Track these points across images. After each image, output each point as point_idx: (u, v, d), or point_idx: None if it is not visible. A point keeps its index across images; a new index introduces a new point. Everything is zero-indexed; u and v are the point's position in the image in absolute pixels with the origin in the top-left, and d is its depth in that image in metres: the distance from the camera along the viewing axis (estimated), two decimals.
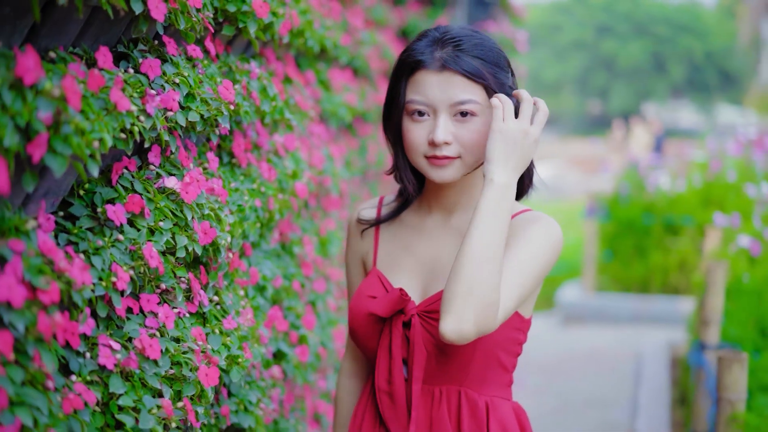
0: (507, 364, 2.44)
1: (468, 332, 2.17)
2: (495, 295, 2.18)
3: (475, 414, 2.40)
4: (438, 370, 2.41)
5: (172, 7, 2.22)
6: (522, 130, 2.26)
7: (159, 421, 2.05)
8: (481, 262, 2.18)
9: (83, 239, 2.03)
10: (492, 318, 2.18)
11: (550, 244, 2.33)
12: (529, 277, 2.28)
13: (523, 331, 2.45)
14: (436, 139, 2.30)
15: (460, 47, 2.33)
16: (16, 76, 1.58)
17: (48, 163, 1.68)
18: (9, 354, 1.52)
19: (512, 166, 2.25)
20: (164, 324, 2.21)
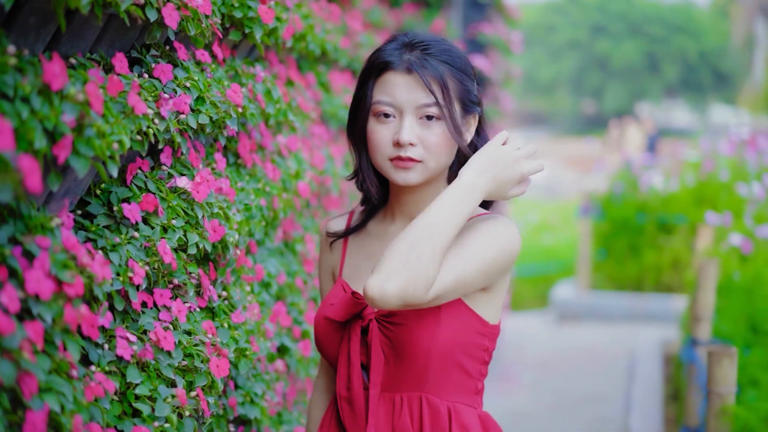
0: (471, 370, 2.41)
1: (390, 293, 2.16)
2: (430, 271, 2.17)
3: (437, 420, 2.39)
4: (398, 376, 2.38)
5: (183, 14, 2.31)
6: (516, 157, 2.29)
7: (173, 410, 2.15)
8: (425, 236, 2.18)
9: (101, 236, 2.13)
10: (420, 290, 2.16)
11: (501, 243, 2.32)
12: (471, 267, 2.26)
13: (489, 338, 2.42)
14: (402, 140, 2.32)
15: (428, 51, 2.36)
16: (43, 81, 1.68)
17: (72, 163, 1.78)
18: (40, 343, 1.62)
19: (486, 178, 2.26)
20: (177, 317, 2.30)
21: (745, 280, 6.02)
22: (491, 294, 2.39)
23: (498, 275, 2.35)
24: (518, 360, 9.03)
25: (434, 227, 2.19)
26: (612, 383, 8.15)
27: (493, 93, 8.57)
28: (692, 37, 42.87)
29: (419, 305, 2.20)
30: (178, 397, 2.16)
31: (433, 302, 2.23)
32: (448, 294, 2.24)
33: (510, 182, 2.29)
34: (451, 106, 2.34)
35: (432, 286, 2.19)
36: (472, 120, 2.44)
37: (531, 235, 16.06)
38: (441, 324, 2.33)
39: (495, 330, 2.44)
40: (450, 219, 2.20)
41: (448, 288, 2.23)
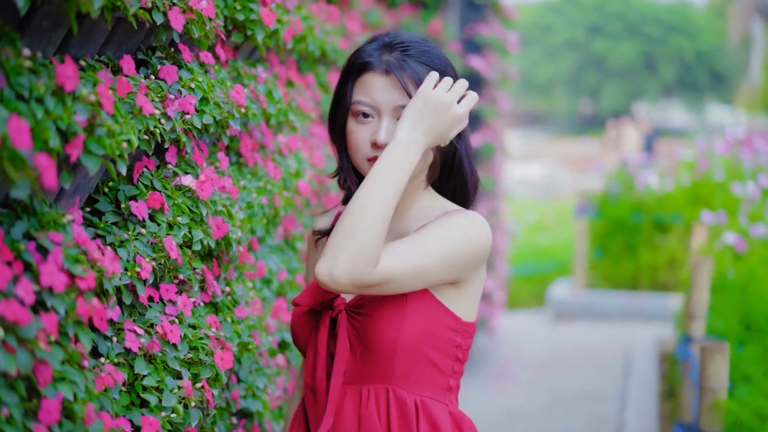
0: (441, 366, 2.41)
1: (339, 274, 2.18)
2: (373, 246, 2.18)
3: (404, 412, 2.39)
4: (365, 368, 2.40)
5: (188, 17, 2.38)
6: (446, 102, 2.28)
7: (180, 401, 2.22)
8: (363, 210, 2.20)
9: (109, 233, 2.20)
10: (366, 266, 2.18)
11: (467, 236, 2.34)
12: (431, 256, 2.28)
13: (461, 334, 2.42)
14: (379, 140, 2.34)
15: (408, 53, 2.38)
16: (57, 83, 1.75)
17: (84, 162, 1.85)
18: (54, 334, 1.69)
19: (423, 130, 2.27)
20: (182, 312, 2.37)
21: (739, 278, 6.09)
22: (462, 289, 2.40)
23: (466, 269, 2.37)
24: (515, 359, 9.10)
25: (370, 199, 2.21)
26: (608, 381, 8.21)
27: (490, 93, 8.63)
28: (689, 37, 42.93)
29: (371, 284, 2.21)
30: (184, 388, 2.23)
31: (388, 285, 2.25)
32: (405, 280, 2.26)
33: (447, 129, 2.31)
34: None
35: (379, 262, 2.21)
36: None
37: (527, 235, 16.15)
38: (407, 316, 2.34)
39: (469, 327, 2.44)
40: (386, 186, 2.23)
41: (402, 272, 2.25)
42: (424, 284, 2.32)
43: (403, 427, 2.39)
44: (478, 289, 2.45)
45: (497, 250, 9.23)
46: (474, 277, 2.42)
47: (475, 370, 8.56)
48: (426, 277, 2.30)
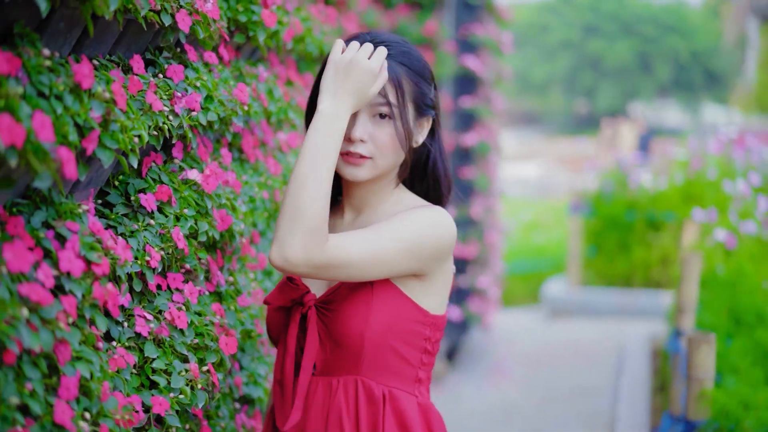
0: (409, 358, 2.46)
1: (293, 256, 2.23)
2: (318, 221, 2.23)
3: (371, 402, 2.44)
4: (335, 361, 2.45)
5: (195, 19, 2.50)
6: (349, 60, 2.32)
7: (187, 383, 2.34)
8: (301, 189, 2.25)
9: (120, 224, 2.31)
10: (317, 244, 2.23)
11: (429, 229, 2.39)
12: (391, 245, 2.33)
13: (429, 327, 2.47)
14: (353, 136, 2.39)
15: (389, 53, 2.43)
16: (75, 81, 1.87)
17: (99, 155, 1.97)
18: (74, 315, 1.81)
19: (341, 95, 2.31)
20: (189, 299, 2.49)
21: (728, 274, 6.20)
22: (427, 283, 2.45)
23: (428, 262, 2.41)
24: (509, 355, 9.22)
25: (306, 176, 2.26)
26: (601, 377, 8.34)
27: (485, 93, 8.75)
28: (684, 37, 43.02)
29: (325, 263, 2.25)
30: (191, 371, 2.35)
31: (347, 269, 2.30)
32: (364, 265, 2.32)
33: (366, 85, 2.33)
34: (403, 107, 2.41)
35: (334, 242, 2.27)
36: (425, 122, 2.51)
37: (523, 233, 16.27)
38: (373, 310, 2.39)
39: (437, 320, 2.49)
40: (318, 159, 2.27)
41: (358, 256, 2.30)
42: (384, 273, 2.37)
43: (370, 416, 2.44)
44: (444, 283, 2.50)
45: (492, 247, 9.35)
46: (439, 271, 2.46)
47: (470, 366, 8.68)
48: (386, 265, 2.35)
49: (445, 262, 2.48)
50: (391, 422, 2.44)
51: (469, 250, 8.32)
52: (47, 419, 1.73)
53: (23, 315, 1.64)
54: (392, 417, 2.44)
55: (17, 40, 1.82)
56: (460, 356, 8.95)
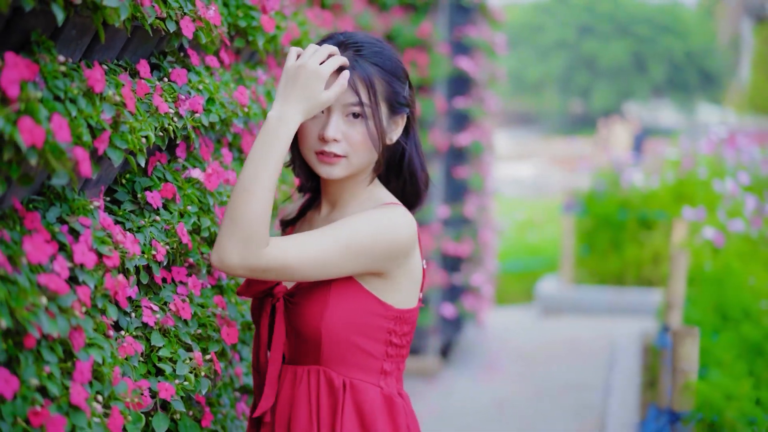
0: (372, 351, 2.52)
1: (230, 261, 2.30)
2: (257, 227, 2.28)
3: (332, 391, 2.51)
4: (300, 351, 2.54)
5: (198, 25, 2.63)
6: (298, 65, 2.37)
7: (191, 370, 2.47)
8: (242, 194, 2.29)
9: (127, 219, 2.44)
10: (253, 250, 2.28)
11: (382, 229, 2.44)
12: (331, 245, 2.37)
13: (393, 320, 2.52)
14: (326, 135, 2.44)
15: (360, 53, 2.49)
16: (88, 85, 2.00)
17: (109, 154, 2.10)
18: (88, 304, 1.94)
19: (291, 101, 2.35)
20: (192, 292, 2.62)
21: (716, 271, 6.34)
22: (389, 281, 2.49)
23: (385, 262, 2.46)
24: (503, 352, 9.35)
25: (248, 181, 2.31)
26: (593, 373, 8.47)
27: (478, 93, 8.88)
28: (679, 38, 43.15)
29: (263, 267, 2.31)
30: (195, 359, 2.48)
31: (290, 271, 2.35)
32: (309, 267, 2.36)
33: (315, 90, 2.37)
34: (375, 107, 2.47)
35: (274, 246, 2.31)
36: (399, 120, 2.57)
37: (517, 232, 16.40)
38: (329, 305, 2.46)
39: (403, 314, 2.54)
40: (262, 165, 2.32)
41: (300, 259, 2.34)
42: (333, 274, 2.42)
43: (330, 405, 2.51)
44: (410, 280, 2.54)
45: (486, 245, 9.49)
46: (400, 270, 2.51)
47: (463, 362, 8.82)
48: (331, 267, 2.40)
49: (406, 260, 2.51)
50: (349, 411, 2.50)
51: (463, 249, 8.45)
52: (64, 400, 1.86)
53: (42, 303, 1.77)
54: (351, 406, 2.50)
55: (34, 47, 1.95)
56: (454, 353, 9.09)
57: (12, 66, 1.69)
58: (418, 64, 7.70)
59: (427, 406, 7.36)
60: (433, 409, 7.30)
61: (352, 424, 2.50)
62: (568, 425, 7.02)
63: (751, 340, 5.09)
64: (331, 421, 2.51)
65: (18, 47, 1.94)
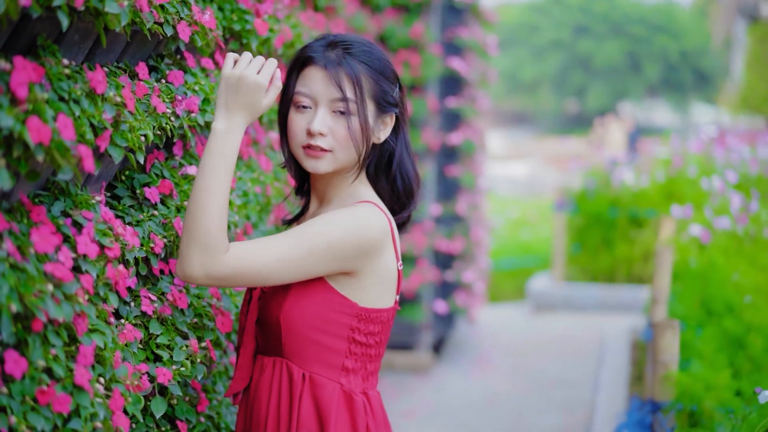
0: (331, 346, 2.55)
1: (192, 272, 2.34)
2: (211, 237, 2.32)
3: (291, 383, 2.56)
4: (267, 342, 2.61)
5: (193, 29, 2.76)
6: (238, 76, 2.41)
7: (188, 357, 2.60)
8: (196, 206, 2.34)
9: (127, 214, 2.57)
10: (215, 260, 2.32)
11: (349, 228, 2.48)
12: (296, 248, 2.41)
13: (356, 317, 2.56)
14: (313, 129, 2.50)
15: (349, 51, 2.55)
16: (90, 87, 2.14)
17: (110, 152, 2.23)
18: (91, 291, 2.08)
19: (234, 110, 2.41)
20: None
21: (701, 267, 6.47)
22: (356, 278, 2.53)
23: (356, 260, 2.50)
24: (494, 347, 9.48)
25: (200, 193, 2.35)
26: (582, 368, 8.62)
27: (470, 93, 9.01)
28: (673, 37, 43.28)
29: (225, 275, 2.35)
30: (191, 346, 2.61)
31: (257, 276, 2.39)
32: (274, 273, 2.41)
33: (256, 99, 2.44)
34: (361, 103, 2.53)
35: (235, 253, 2.35)
36: (388, 120, 2.63)
37: (510, 231, 16.53)
38: (288, 296, 2.51)
39: (370, 313, 2.58)
40: (213, 175, 2.36)
41: (263, 264, 2.39)
42: (302, 275, 2.46)
43: (288, 397, 2.57)
44: (379, 280, 2.57)
45: (478, 243, 9.62)
46: (368, 268, 2.55)
47: (456, 358, 8.96)
48: (299, 269, 2.44)
49: (372, 258, 2.55)
50: (307, 403, 2.55)
51: (455, 246, 8.59)
52: (68, 381, 1.99)
53: (49, 290, 1.90)
54: (309, 399, 2.55)
55: (40, 51, 2.08)
56: (446, 349, 9.23)
57: (20, 69, 1.81)
58: (410, 65, 7.84)
59: (419, 401, 7.50)
60: (425, 404, 7.44)
61: (309, 415, 2.55)
62: (557, 419, 7.16)
63: (733, 334, 5.22)
64: (288, 412, 2.57)
65: (25, 51, 2.07)
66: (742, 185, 8.81)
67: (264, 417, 2.60)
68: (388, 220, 2.60)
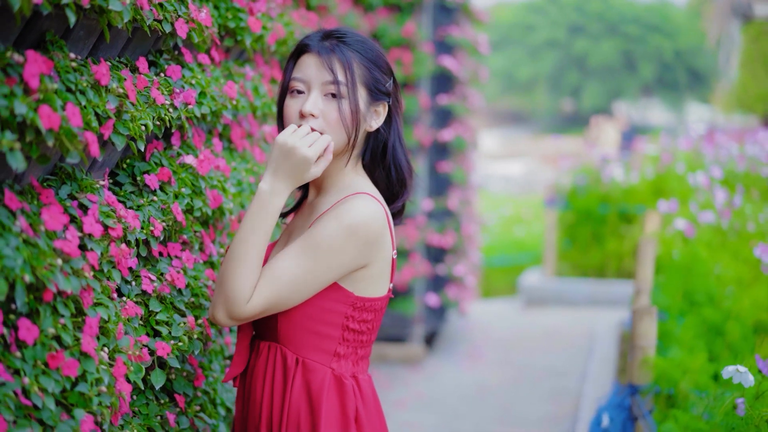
0: (326, 333, 2.66)
1: (219, 318, 2.56)
2: (239, 293, 2.51)
3: (285, 367, 2.68)
4: (264, 327, 2.73)
5: (190, 26, 2.94)
6: (290, 146, 2.55)
7: (185, 333, 2.78)
8: (231, 262, 2.53)
9: (128, 199, 2.75)
10: (237, 309, 2.52)
11: (351, 231, 2.58)
12: (306, 263, 2.55)
13: (350, 306, 2.66)
14: (304, 110, 2.60)
15: (344, 40, 2.67)
16: (95, 79, 2.31)
17: (113, 140, 2.41)
18: (96, 266, 2.26)
19: (280, 176, 2.57)
20: (186, 265, 2.93)
21: (684, 259, 6.64)
22: (366, 269, 2.65)
23: (365, 254, 2.62)
24: (485, 340, 9.65)
25: (238, 244, 2.54)
26: (571, 360, 8.79)
27: (462, 91, 9.18)
28: (668, 37, 43.47)
29: (249, 316, 2.55)
30: (189, 323, 2.79)
31: (277, 307, 2.57)
32: (290, 299, 2.58)
33: (302, 170, 2.57)
34: (353, 87, 2.63)
35: (251, 300, 2.53)
36: (381, 109, 2.72)
37: (504, 228, 16.71)
38: None
39: (364, 302, 2.68)
40: (251, 232, 2.55)
41: (277, 297, 2.56)
42: (319, 286, 2.60)
43: (282, 380, 2.69)
44: (374, 270, 2.67)
45: (469, 237, 9.80)
46: (375, 258, 2.66)
47: (448, 350, 9.13)
48: (318, 282, 2.59)
49: (381, 247, 2.67)
50: (298, 386, 2.67)
51: (446, 240, 8.76)
52: (76, 349, 2.17)
53: (58, 264, 2.07)
54: (300, 382, 2.67)
55: (48, 45, 2.26)
56: (439, 342, 9.40)
57: (32, 61, 1.99)
58: (402, 63, 8.01)
59: (411, 391, 7.67)
60: (417, 394, 7.61)
61: (300, 398, 2.67)
62: (546, 407, 7.34)
63: (712, 322, 5.40)
64: (281, 395, 2.69)
65: (35, 46, 2.25)
66: (728, 181, 9.00)
67: (259, 399, 2.74)
68: (384, 209, 2.69)
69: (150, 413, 2.72)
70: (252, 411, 2.77)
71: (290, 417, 2.68)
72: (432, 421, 6.96)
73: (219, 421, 3.12)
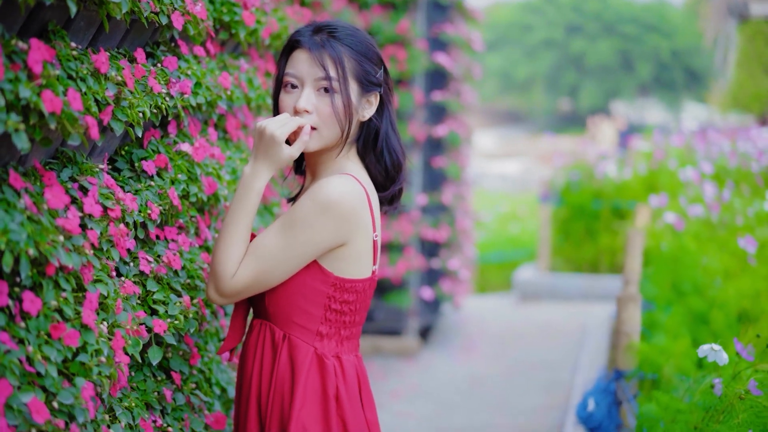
0: (310, 311, 2.77)
1: (210, 294, 2.74)
2: (224, 267, 2.69)
3: (273, 344, 2.81)
4: (257, 306, 2.87)
5: (186, 19, 3.06)
6: (261, 128, 2.70)
7: (181, 312, 2.90)
8: (218, 241, 2.72)
9: (126, 184, 2.87)
10: (224, 283, 2.69)
11: (314, 213, 2.67)
12: (281, 251, 2.68)
13: (332, 286, 2.76)
14: (298, 106, 2.70)
15: (334, 35, 2.74)
16: (95, 67, 2.44)
17: (112, 125, 2.53)
18: (96, 244, 2.38)
19: (260, 159, 2.71)
20: (182, 248, 3.05)
21: (672, 251, 6.77)
22: (346, 247, 2.74)
23: (344, 232, 2.71)
24: (480, 334, 9.78)
25: (224, 225, 2.72)
26: (564, 353, 8.91)
27: (456, 87, 9.30)
28: (665, 37, 43.56)
29: (237, 291, 2.72)
30: (185, 303, 2.91)
31: (262, 282, 2.71)
32: (272, 276, 2.71)
33: (274, 151, 2.70)
34: (344, 82, 2.71)
35: (236, 275, 2.69)
36: (372, 99, 2.80)
37: (499, 224, 16.83)
38: None
39: (345, 282, 2.78)
40: (236, 213, 2.71)
41: (256, 276, 2.71)
42: (305, 262, 2.73)
43: (269, 356, 2.82)
44: (353, 250, 2.76)
45: (463, 232, 9.92)
46: (355, 236, 2.74)
47: (442, 343, 9.25)
48: (295, 257, 2.70)
49: (360, 225, 2.75)
50: (284, 361, 2.79)
51: (440, 234, 8.88)
52: (77, 321, 2.29)
53: (60, 240, 2.20)
54: (286, 357, 2.79)
55: (50, 35, 2.38)
56: (434, 335, 9.53)
57: (36, 49, 2.11)
58: (397, 59, 8.13)
59: (405, 382, 7.80)
60: (412, 385, 7.73)
61: (285, 373, 2.79)
62: (538, 398, 7.46)
63: (697, 311, 5.53)
64: (270, 369, 2.82)
65: (38, 35, 2.37)
66: (719, 177, 9.11)
67: (249, 373, 2.88)
68: (365, 190, 2.76)
69: (147, 389, 2.84)
70: (244, 384, 2.90)
71: (275, 390, 2.80)
72: (426, 411, 7.09)
73: (214, 399, 3.24)
